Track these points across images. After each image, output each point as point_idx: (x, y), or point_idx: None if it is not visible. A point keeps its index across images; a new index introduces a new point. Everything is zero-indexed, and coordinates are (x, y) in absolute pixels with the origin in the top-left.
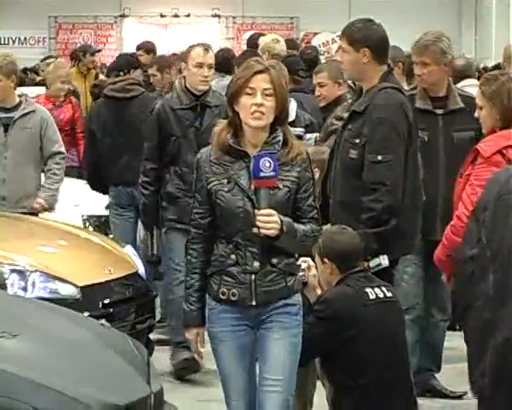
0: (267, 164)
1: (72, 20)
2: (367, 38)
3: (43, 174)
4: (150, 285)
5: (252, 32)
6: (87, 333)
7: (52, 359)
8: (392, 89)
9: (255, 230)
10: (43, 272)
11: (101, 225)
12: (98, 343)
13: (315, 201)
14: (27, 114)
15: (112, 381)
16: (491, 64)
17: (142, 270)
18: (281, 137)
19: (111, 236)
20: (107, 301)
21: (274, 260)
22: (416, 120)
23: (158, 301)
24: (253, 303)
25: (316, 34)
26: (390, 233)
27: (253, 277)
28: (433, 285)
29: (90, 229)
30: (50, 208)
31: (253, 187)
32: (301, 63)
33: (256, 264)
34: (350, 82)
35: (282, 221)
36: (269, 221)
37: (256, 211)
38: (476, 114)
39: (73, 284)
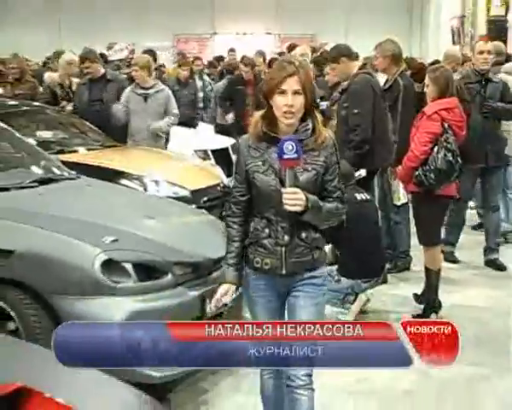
0: (290, 147)
1: (186, 36)
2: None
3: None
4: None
5: (288, 43)
6: (196, 217)
7: (176, 231)
8: (364, 73)
9: (284, 207)
10: (169, 181)
11: (202, 155)
12: (203, 222)
13: (339, 182)
14: (159, 91)
15: (211, 244)
16: (428, 57)
17: (226, 181)
18: (310, 126)
19: (207, 161)
20: (206, 199)
21: (302, 235)
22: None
23: None
24: (283, 272)
25: (326, 44)
26: (365, 155)
27: (283, 249)
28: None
29: (196, 157)
30: (163, 132)
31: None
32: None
33: (286, 237)
34: None
35: (307, 198)
36: (293, 198)
37: (282, 189)
38: (425, 89)
39: (186, 189)
